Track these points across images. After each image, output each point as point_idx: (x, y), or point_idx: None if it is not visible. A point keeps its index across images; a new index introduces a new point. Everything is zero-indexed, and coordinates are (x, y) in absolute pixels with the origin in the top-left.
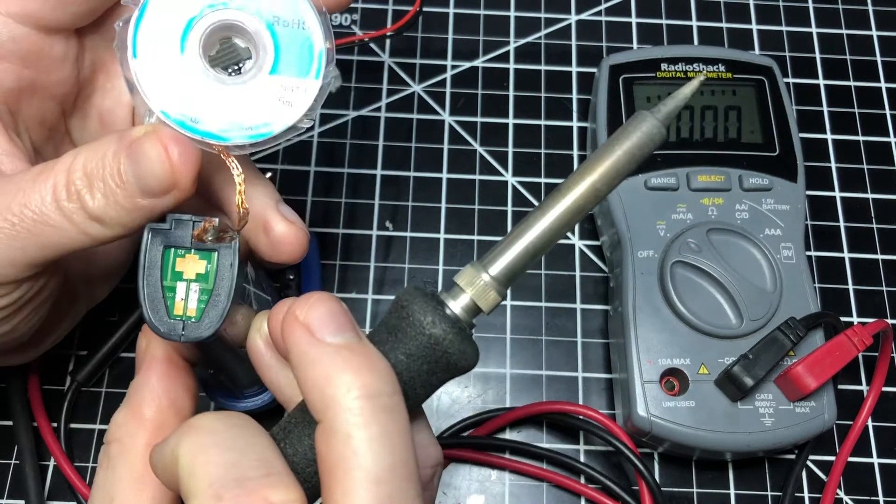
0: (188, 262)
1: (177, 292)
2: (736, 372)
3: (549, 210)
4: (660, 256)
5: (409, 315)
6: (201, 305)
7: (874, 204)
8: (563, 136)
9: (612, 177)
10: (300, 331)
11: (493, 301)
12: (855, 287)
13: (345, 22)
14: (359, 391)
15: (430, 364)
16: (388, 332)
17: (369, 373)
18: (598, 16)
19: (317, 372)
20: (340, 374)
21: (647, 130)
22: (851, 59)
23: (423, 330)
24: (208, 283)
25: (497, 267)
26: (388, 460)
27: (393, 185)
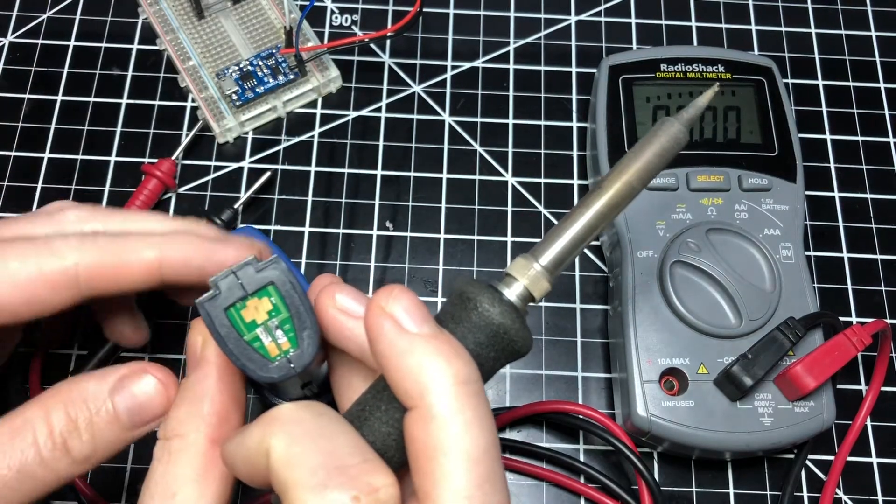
0: (251, 308)
1: (262, 339)
2: (735, 372)
3: (591, 204)
4: (659, 256)
5: (477, 306)
6: (290, 334)
7: (873, 204)
8: (563, 137)
9: (645, 175)
10: (388, 321)
11: (545, 289)
12: (854, 287)
13: (345, 22)
14: (453, 378)
15: (497, 351)
16: (455, 323)
17: (459, 360)
18: (597, 16)
19: (410, 361)
20: (434, 362)
21: (674, 133)
22: (850, 59)
23: (491, 319)
24: (281, 311)
25: (546, 257)
26: (483, 442)
27: (393, 185)
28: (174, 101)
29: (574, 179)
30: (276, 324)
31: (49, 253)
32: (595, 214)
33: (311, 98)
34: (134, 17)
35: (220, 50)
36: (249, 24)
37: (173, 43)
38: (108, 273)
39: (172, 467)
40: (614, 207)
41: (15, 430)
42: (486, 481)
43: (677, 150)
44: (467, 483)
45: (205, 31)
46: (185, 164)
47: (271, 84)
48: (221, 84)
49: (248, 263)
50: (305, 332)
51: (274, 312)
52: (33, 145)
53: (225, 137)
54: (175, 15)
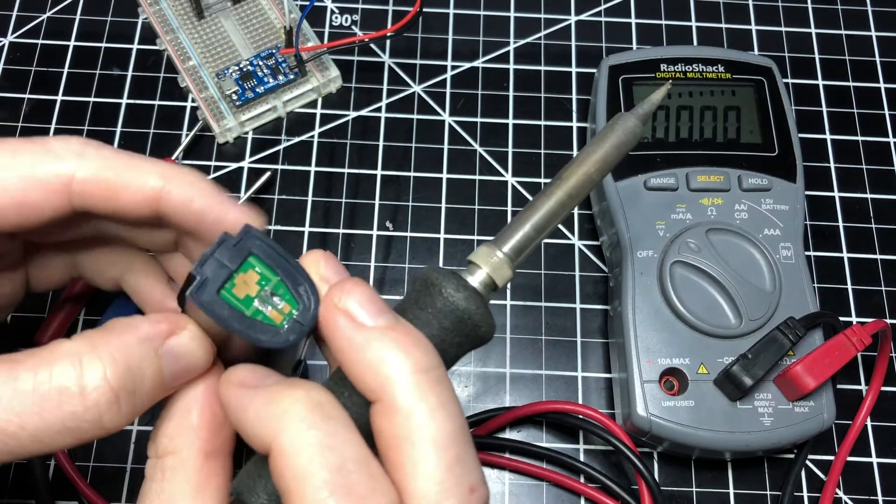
0: (241, 284)
1: (262, 310)
2: (735, 371)
3: (552, 194)
4: (659, 256)
5: (441, 291)
6: (287, 296)
7: (873, 204)
8: (563, 137)
9: (603, 166)
10: (343, 318)
11: (507, 276)
12: (854, 287)
13: (345, 22)
14: (412, 367)
15: (461, 336)
16: (420, 309)
17: (417, 349)
18: (597, 16)
19: (368, 355)
20: (392, 354)
21: (630, 128)
22: (850, 59)
23: (456, 305)
24: (270, 277)
25: (508, 245)
26: (449, 426)
27: (393, 185)
28: (174, 101)
29: None
30: (270, 291)
31: (45, 152)
32: (556, 203)
33: (311, 98)
34: (134, 17)
35: (220, 50)
36: (249, 24)
37: (173, 43)
38: (106, 190)
39: (168, 485)
40: (573, 197)
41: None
42: (457, 464)
43: (633, 143)
44: (437, 469)
45: (205, 31)
46: (186, 164)
47: (271, 84)
48: (221, 84)
49: (221, 242)
50: (301, 288)
51: (263, 281)
52: None
53: (225, 137)
54: (175, 15)
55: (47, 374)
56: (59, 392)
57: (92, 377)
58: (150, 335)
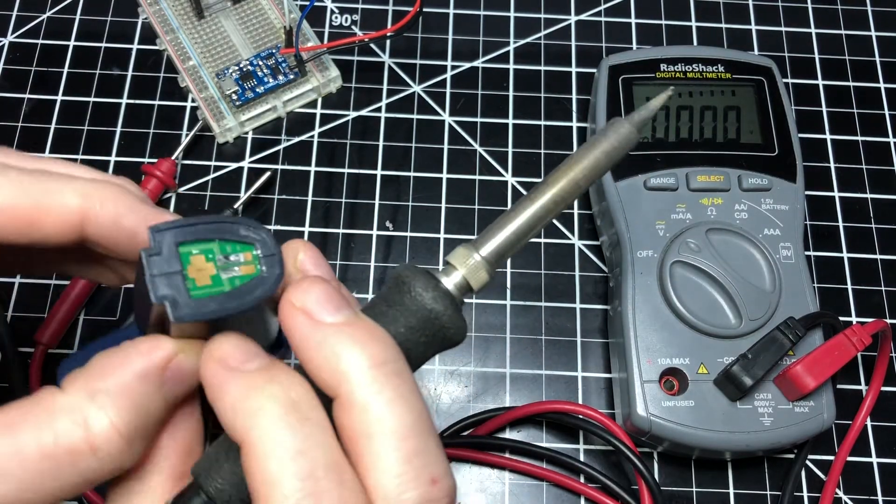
0: (197, 274)
1: (235, 274)
2: (735, 371)
3: (536, 199)
4: (659, 256)
5: (410, 290)
6: (237, 247)
7: (873, 204)
8: (563, 137)
9: (592, 173)
10: (300, 316)
11: (483, 280)
12: (854, 287)
13: (345, 22)
14: (367, 361)
15: (427, 337)
16: (388, 306)
17: (373, 343)
18: (597, 16)
19: (323, 352)
20: (347, 350)
21: (624, 134)
22: (850, 59)
23: (423, 304)
24: (211, 245)
25: (487, 248)
26: (408, 418)
27: (393, 185)
28: (174, 101)
29: None
30: (222, 257)
31: None
32: (540, 208)
33: (310, 98)
34: (134, 16)
35: (220, 50)
36: (249, 23)
37: (173, 43)
38: (17, 217)
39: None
40: (559, 203)
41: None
42: (416, 456)
43: (626, 151)
44: (395, 462)
45: (205, 30)
46: (185, 164)
47: (271, 84)
48: (221, 84)
49: (148, 259)
50: (242, 232)
51: (209, 254)
52: (33, 145)
53: (225, 137)
54: (175, 15)
55: (51, 436)
56: (70, 453)
57: (100, 431)
58: (148, 370)
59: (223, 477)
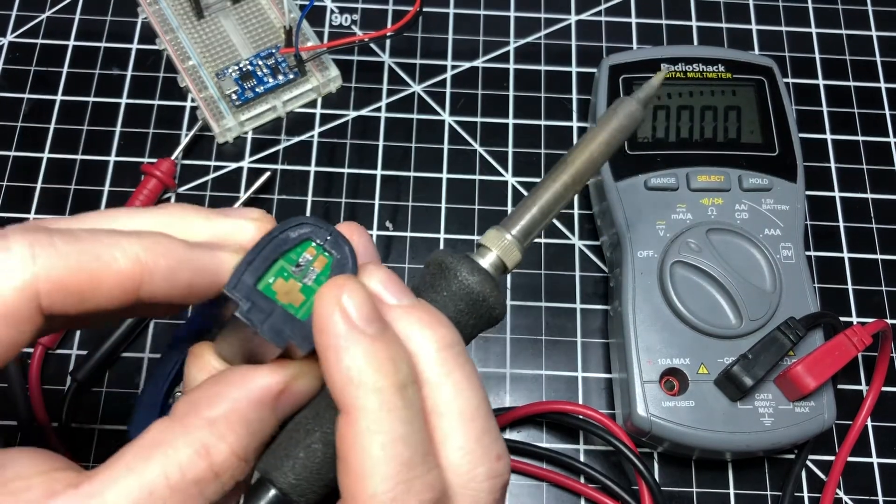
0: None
1: None
2: (735, 372)
3: (557, 178)
4: (659, 256)
5: (456, 274)
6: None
7: (873, 204)
8: (563, 137)
9: (605, 149)
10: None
11: (517, 259)
12: (854, 287)
13: (345, 22)
14: (438, 343)
15: (475, 318)
16: (436, 292)
17: (441, 326)
18: (597, 16)
19: (395, 331)
20: (418, 331)
21: (631, 111)
22: (851, 59)
23: (472, 287)
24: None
25: (517, 228)
26: (474, 400)
27: (393, 185)
28: (174, 100)
29: None
30: (295, 269)
31: None
32: (561, 186)
33: (310, 98)
34: (133, 16)
35: (219, 50)
36: (249, 23)
37: (173, 43)
38: (69, 291)
39: None
40: (578, 180)
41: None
42: (484, 434)
43: (634, 127)
44: (466, 440)
45: (204, 30)
46: (185, 163)
47: (271, 84)
48: (221, 84)
49: (234, 295)
50: (293, 235)
51: (283, 272)
52: (33, 145)
53: (224, 137)
54: (174, 14)
55: (177, 470)
56: (196, 483)
57: (222, 460)
58: (262, 397)
59: (296, 471)
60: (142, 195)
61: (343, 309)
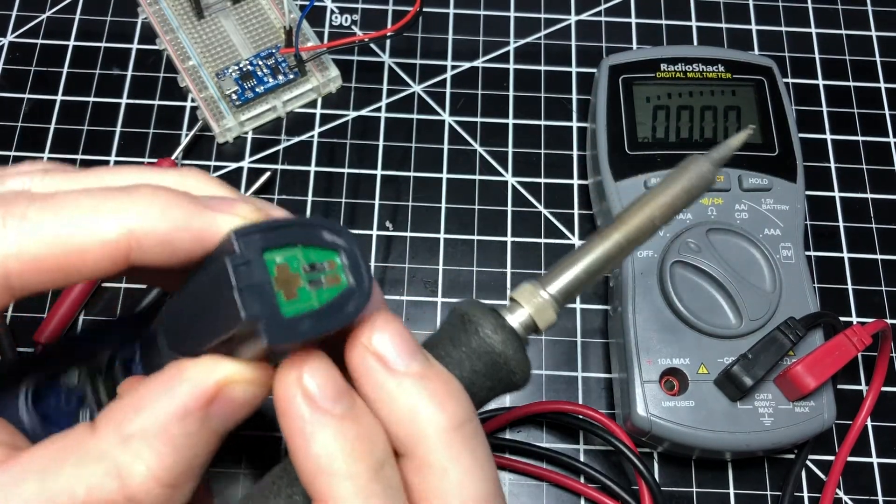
0: (285, 286)
1: (323, 287)
2: (735, 372)
3: (608, 236)
4: (659, 256)
5: (477, 331)
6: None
7: (873, 204)
8: (563, 137)
9: (668, 211)
10: (374, 361)
11: (551, 320)
12: (854, 287)
13: (345, 22)
14: (447, 422)
15: (493, 381)
16: (453, 346)
17: (451, 401)
18: (597, 16)
19: (399, 405)
20: (425, 407)
21: (702, 172)
22: (851, 59)
23: (492, 347)
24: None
25: (556, 286)
26: (484, 488)
27: (393, 185)
28: (174, 100)
29: (574, 179)
30: (307, 267)
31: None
32: (613, 245)
33: (310, 98)
34: (133, 16)
35: (219, 50)
36: (249, 23)
37: (173, 43)
38: (46, 269)
39: None
40: (633, 242)
41: None
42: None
43: (705, 189)
44: None
45: (204, 30)
46: (185, 163)
47: (271, 84)
48: (221, 84)
49: (237, 242)
50: (325, 235)
51: (294, 260)
52: (33, 145)
53: (225, 137)
54: (175, 15)
55: (83, 490)
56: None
57: (138, 484)
58: (187, 406)
59: None
60: None
61: (305, 390)
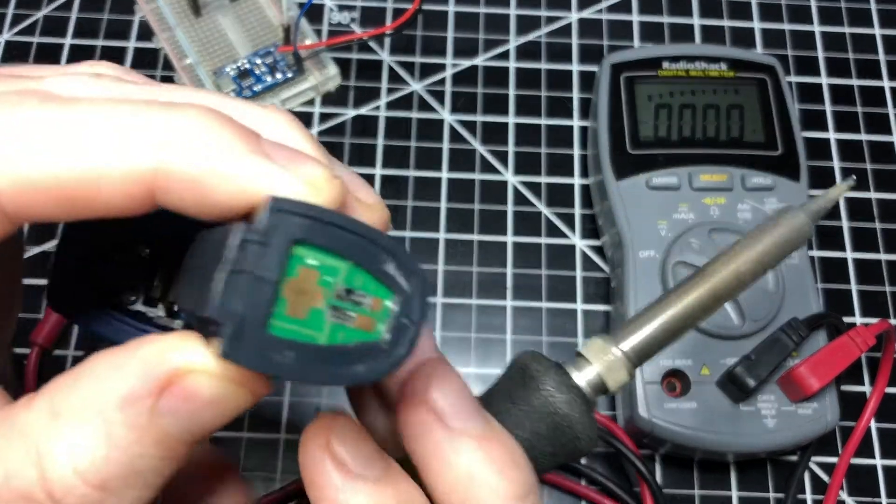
0: (295, 297)
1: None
2: (738, 373)
3: (690, 290)
4: (661, 256)
5: (539, 387)
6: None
7: (877, 203)
8: (564, 136)
9: (758, 266)
10: (430, 419)
11: (623, 380)
12: (858, 287)
13: (344, 20)
14: (506, 493)
15: (555, 446)
16: (512, 403)
17: (513, 469)
18: (599, 14)
19: (457, 470)
20: (485, 474)
21: (797, 225)
22: (854, 57)
23: (556, 408)
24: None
25: (630, 343)
26: None
27: (392, 184)
28: None
29: (575, 178)
30: (342, 290)
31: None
32: (696, 301)
33: (309, 96)
34: (130, 14)
35: (217, 48)
36: (247, 21)
37: (170, 41)
38: (50, 191)
39: None
40: (718, 298)
41: None
42: None
43: (799, 244)
44: None
45: (202, 28)
46: None
47: (269, 82)
48: (219, 82)
49: (269, 213)
50: (387, 265)
51: (329, 275)
52: None
53: None
54: (172, 12)
55: (2, 473)
56: (24, 499)
57: (58, 478)
58: (134, 393)
59: None
60: None
61: (335, 456)
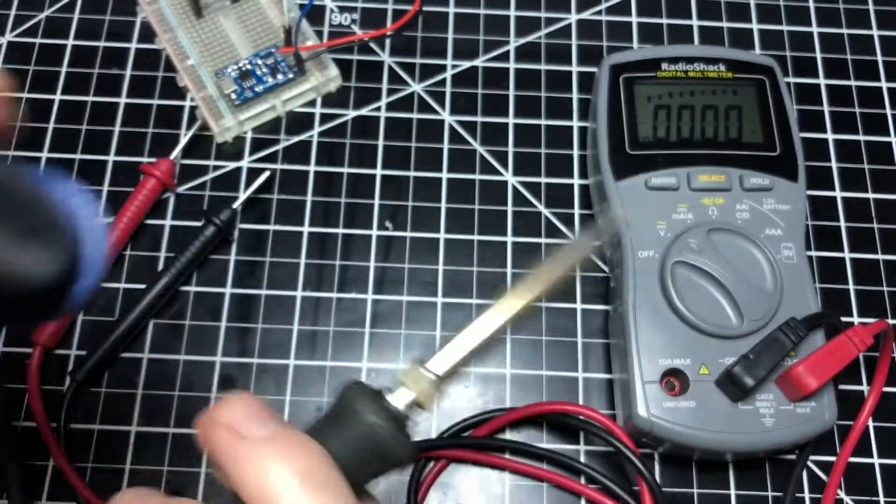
0: None
1: None
2: (736, 372)
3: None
4: (660, 256)
5: (350, 406)
6: None
7: (875, 204)
8: (564, 136)
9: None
10: (225, 433)
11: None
12: (856, 287)
13: (345, 21)
14: (299, 475)
15: (366, 452)
16: (329, 424)
17: (301, 456)
18: (598, 15)
19: (252, 468)
20: (275, 464)
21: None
22: (852, 58)
23: (363, 419)
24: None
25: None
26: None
27: (393, 184)
28: (173, 100)
29: (575, 179)
30: None
31: None
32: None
33: (310, 97)
34: (132, 15)
35: (218, 49)
36: (248, 22)
37: (172, 42)
38: None
39: None
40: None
41: None
42: None
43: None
44: None
45: (203, 29)
46: (184, 163)
47: (270, 83)
48: (220, 83)
49: None
50: None
51: None
52: (31, 145)
53: (224, 137)
54: (173, 13)
55: None
56: None
57: None
58: None
59: None
60: (141, 195)
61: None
